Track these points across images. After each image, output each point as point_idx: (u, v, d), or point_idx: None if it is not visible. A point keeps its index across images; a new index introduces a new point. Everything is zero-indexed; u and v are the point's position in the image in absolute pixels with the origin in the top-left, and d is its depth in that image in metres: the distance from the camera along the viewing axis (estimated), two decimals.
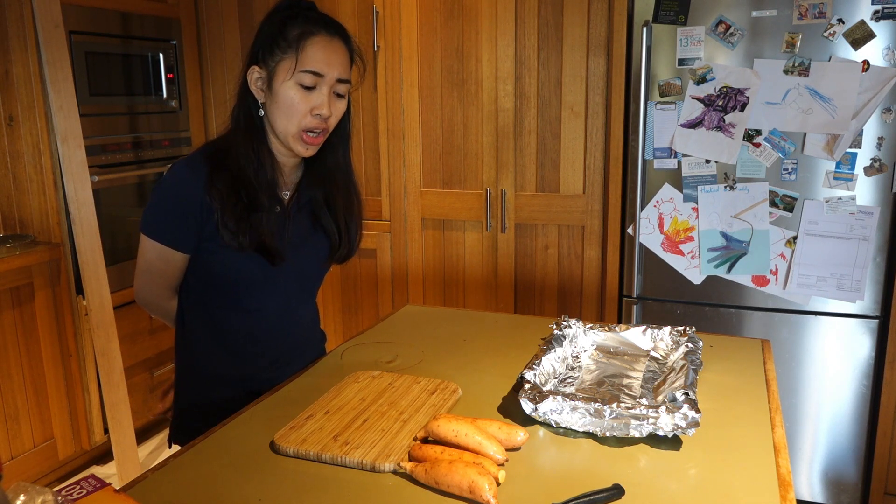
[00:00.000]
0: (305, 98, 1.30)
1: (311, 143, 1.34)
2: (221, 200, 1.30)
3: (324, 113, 1.31)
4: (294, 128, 1.32)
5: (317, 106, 1.31)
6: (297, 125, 1.31)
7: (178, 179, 1.33)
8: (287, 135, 1.33)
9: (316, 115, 1.31)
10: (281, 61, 1.30)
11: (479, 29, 2.74)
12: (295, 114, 1.31)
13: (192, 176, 1.31)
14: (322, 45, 1.30)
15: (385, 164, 2.96)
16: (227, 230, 1.31)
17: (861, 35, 2.22)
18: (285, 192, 1.43)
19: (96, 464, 2.90)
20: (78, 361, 2.75)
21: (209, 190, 1.30)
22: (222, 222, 1.31)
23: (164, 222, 1.34)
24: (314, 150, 1.36)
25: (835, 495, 2.51)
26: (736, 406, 1.25)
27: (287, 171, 1.43)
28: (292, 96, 1.30)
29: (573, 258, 2.78)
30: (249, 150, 1.34)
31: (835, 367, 2.43)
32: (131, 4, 2.91)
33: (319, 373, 1.45)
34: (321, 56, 1.29)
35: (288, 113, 1.31)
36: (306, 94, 1.30)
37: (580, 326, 1.52)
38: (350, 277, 3.12)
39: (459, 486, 0.96)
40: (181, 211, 1.31)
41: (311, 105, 1.30)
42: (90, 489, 0.92)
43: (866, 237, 2.32)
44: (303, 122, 1.31)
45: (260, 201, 1.33)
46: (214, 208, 1.30)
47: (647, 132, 2.48)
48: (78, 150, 2.58)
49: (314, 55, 1.29)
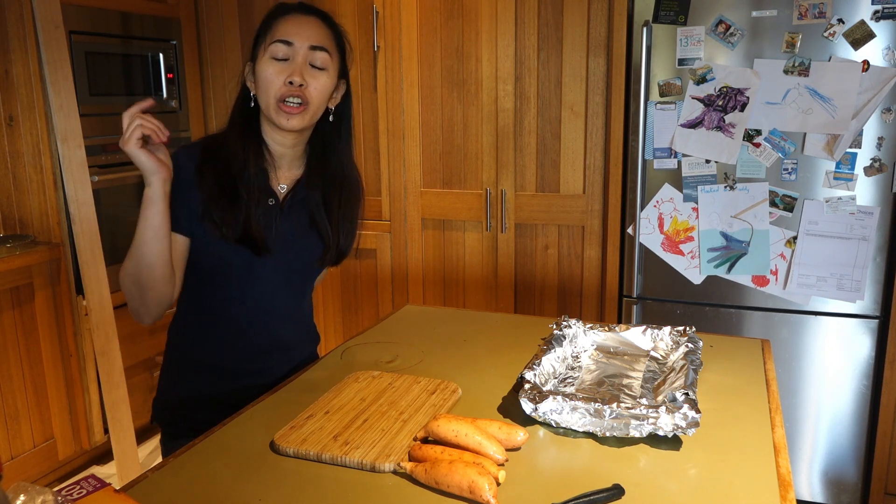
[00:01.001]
0: (279, 69, 1.34)
1: (289, 112, 1.35)
2: (208, 190, 1.34)
3: (296, 80, 1.33)
4: (272, 99, 1.34)
5: (289, 74, 1.33)
6: (275, 96, 1.34)
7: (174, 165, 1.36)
8: (269, 110, 1.36)
9: (289, 83, 1.33)
10: (260, 45, 1.37)
11: (479, 29, 2.74)
12: (271, 86, 1.34)
13: (186, 162, 1.36)
14: (292, 19, 1.36)
15: (385, 164, 2.96)
16: (211, 221, 1.34)
17: (861, 35, 2.22)
18: (282, 185, 1.44)
19: (96, 464, 2.90)
20: (78, 361, 2.75)
21: (198, 178, 1.35)
22: (206, 212, 1.34)
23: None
24: (299, 122, 1.36)
25: (835, 495, 2.51)
26: (736, 406, 1.25)
27: (286, 162, 1.44)
28: (267, 69, 1.34)
29: (573, 258, 2.78)
30: (238, 143, 1.38)
31: (835, 367, 2.43)
32: (131, 4, 2.91)
33: (319, 373, 1.45)
34: (290, 27, 1.35)
35: (265, 87, 1.35)
36: (280, 66, 1.34)
37: (580, 326, 1.52)
38: (350, 277, 3.12)
39: (459, 486, 0.96)
40: (176, 193, 1.33)
41: (284, 75, 1.33)
42: (90, 489, 0.92)
43: (866, 237, 2.32)
44: (278, 92, 1.34)
45: (240, 193, 1.35)
46: (202, 196, 1.34)
47: (647, 132, 2.48)
48: (78, 150, 2.58)
49: (283, 27, 1.35)
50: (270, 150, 1.42)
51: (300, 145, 1.44)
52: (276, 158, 1.43)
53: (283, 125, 1.36)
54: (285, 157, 1.44)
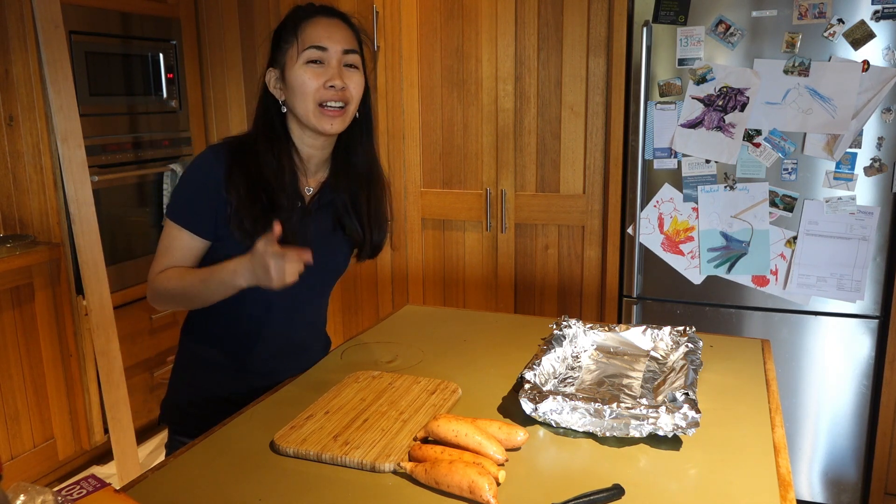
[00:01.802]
0: (315, 74, 1.33)
1: (333, 115, 1.35)
2: (238, 197, 1.32)
3: (337, 83, 1.33)
4: (312, 104, 1.34)
5: (329, 78, 1.33)
6: (314, 100, 1.33)
7: (201, 165, 1.35)
8: (308, 116, 1.35)
9: (329, 87, 1.33)
10: (287, 51, 1.35)
11: (479, 29, 2.74)
12: (308, 91, 1.33)
13: (215, 164, 1.34)
14: (320, 23, 1.35)
15: (385, 164, 2.96)
16: (240, 229, 1.32)
17: (861, 35, 2.22)
18: (308, 188, 1.44)
19: (96, 464, 2.90)
20: (78, 361, 2.75)
21: (227, 183, 1.32)
22: (236, 220, 1.32)
23: (185, 206, 1.36)
24: (340, 125, 1.37)
25: (835, 495, 2.51)
26: (736, 406, 1.25)
27: (313, 165, 1.44)
28: (302, 75, 1.33)
29: (573, 258, 2.78)
30: (269, 153, 1.36)
31: (835, 367, 2.43)
32: (131, 4, 2.91)
33: (319, 373, 1.45)
34: (321, 31, 1.34)
35: (302, 92, 1.34)
36: (316, 70, 1.33)
37: (580, 326, 1.52)
38: (350, 277, 3.12)
39: (459, 486, 0.96)
40: (202, 196, 1.33)
41: (322, 79, 1.33)
42: (90, 489, 0.92)
43: (866, 237, 2.32)
44: (318, 96, 1.33)
45: (279, 202, 1.34)
46: (230, 202, 1.32)
47: (647, 132, 2.48)
48: (78, 150, 2.58)
49: (313, 32, 1.34)
50: (300, 153, 1.42)
51: (329, 147, 1.45)
52: (304, 162, 1.43)
53: (326, 130, 1.36)
54: (314, 159, 1.43)
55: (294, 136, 1.41)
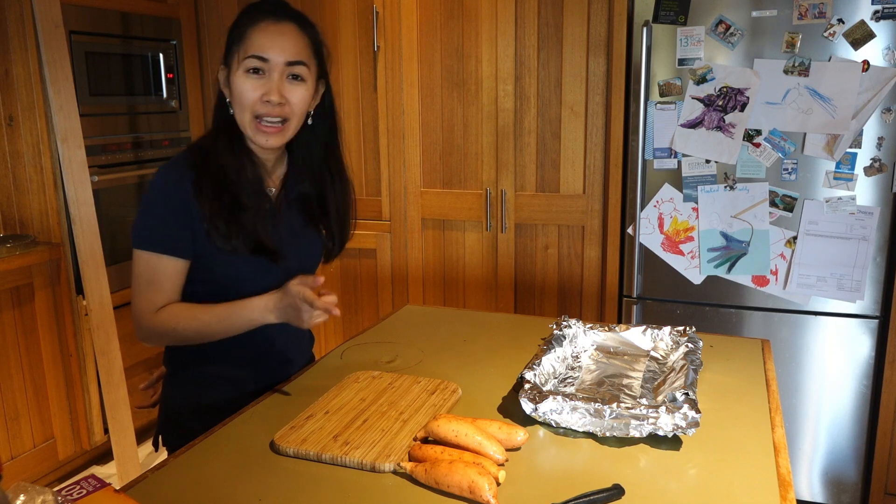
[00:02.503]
0: (254, 85, 1.29)
1: (268, 131, 1.31)
2: (209, 205, 1.29)
3: (273, 99, 1.28)
4: (248, 116, 1.30)
5: (266, 92, 1.28)
6: (250, 113, 1.30)
7: (164, 185, 1.31)
8: (244, 126, 1.31)
9: (266, 102, 1.29)
10: (234, 54, 1.31)
11: (479, 29, 2.74)
12: (245, 102, 1.29)
13: (178, 180, 1.30)
14: (266, 29, 1.29)
15: (385, 164, 2.96)
16: (218, 234, 1.29)
17: (861, 35, 2.22)
18: (271, 188, 1.41)
19: (96, 464, 2.90)
20: (78, 361, 2.75)
21: (197, 195, 1.29)
22: (213, 227, 1.29)
23: (158, 230, 1.30)
24: (277, 141, 1.33)
25: (835, 495, 2.51)
26: (736, 406, 1.25)
27: (269, 166, 1.41)
28: (241, 85, 1.29)
29: (573, 258, 2.78)
30: (228, 150, 1.33)
31: (835, 367, 2.43)
32: (131, 4, 2.91)
33: (319, 373, 1.45)
34: (265, 40, 1.28)
35: (240, 102, 1.30)
36: (255, 82, 1.29)
37: (580, 326, 1.52)
38: (350, 277, 3.12)
39: (459, 486, 0.96)
40: (174, 216, 1.29)
41: (260, 92, 1.29)
42: (90, 489, 0.92)
43: (866, 237, 2.32)
44: (254, 109, 1.29)
45: (243, 201, 1.31)
46: (203, 213, 1.29)
47: (647, 132, 2.48)
48: (78, 150, 2.58)
49: (257, 40, 1.28)
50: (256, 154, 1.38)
51: (281, 148, 1.41)
52: (262, 163, 1.39)
53: (261, 144, 1.32)
54: (269, 160, 1.41)
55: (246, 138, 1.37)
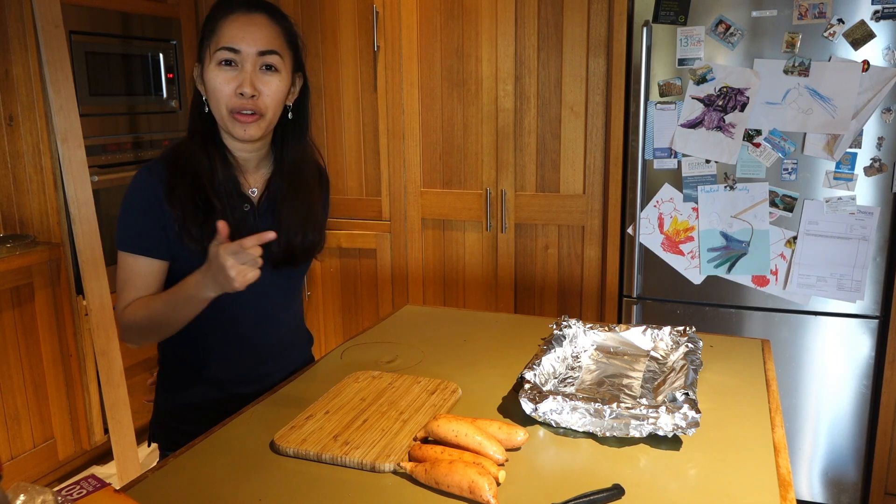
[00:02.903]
0: (227, 78, 1.28)
1: (245, 121, 1.29)
2: (182, 207, 1.28)
3: (246, 91, 1.27)
4: (224, 110, 1.29)
5: (239, 84, 1.27)
6: (226, 107, 1.28)
7: (140, 187, 1.30)
8: (222, 120, 1.30)
9: (239, 95, 1.28)
10: (206, 49, 1.29)
11: (479, 29, 2.74)
12: (221, 96, 1.28)
13: (152, 182, 1.29)
14: (238, 21, 1.28)
15: (385, 164, 2.96)
16: (190, 238, 1.28)
17: (861, 35, 2.22)
18: (253, 189, 1.39)
19: (96, 464, 2.90)
20: (78, 361, 2.75)
21: (169, 197, 1.28)
22: (185, 230, 1.28)
23: (134, 232, 1.30)
24: (255, 131, 1.31)
25: (835, 495, 2.51)
26: (736, 406, 1.25)
27: (252, 166, 1.39)
28: (214, 79, 1.28)
29: (573, 258, 2.78)
30: (202, 151, 1.32)
31: (835, 367, 2.43)
32: (131, 4, 2.91)
33: (319, 373, 1.45)
34: (236, 31, 1.27)
35: (215, 97, 1.29)
36: (228, 74, 1.28)
37: (580, 326, 1.52)
38: (350, 277, 3.12)
39: (459, 486, 0.96)
40: (148, 218, 1.28)
41: (233, 84, 1.28)
42: (90, 489, 0.92)
43: (866, 237, 2.32)
44: (229, 103, 1.28)
45: (213, 204, 1.29)
46: (175, 215, 1.28)
47: (647, 132, 2.48)
48: (78, 150, 2.58)
49: (228, 32, 1.27)
50: (234, 155, 1.37)
51: (263, 148, 1.39)
52: (241, 163, 1.38)
53: (239, 136, 1.31)
54: (250, 161, 1.39)
55: (224, 138, 1.35)
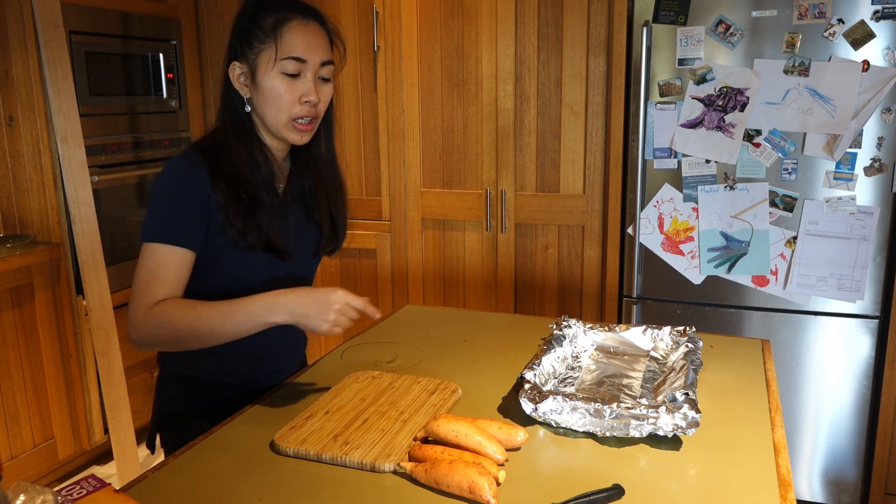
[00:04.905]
0: (291, 86, 1.29)
1: (304, 130, 1.32)
2: (225, 199, 1.28)
3: (312, 99, 1.30)
4: (284, 118, 1.30)
5: (304, 93, 1.29)
6: (287, 114, 1.30)
7: (180, 176, 1.29)
8: (279, 125, 1.32)
9: (305, 103, 1.30)
10: (261, 52, 1.29)
11: (479, 29, 2.74)
12: (283, 104, 1.29)
13: (193, 172, 1.28)
14: (299, 29, 1.29)
15: (385, 164, 2.96)
16: (234, 229, 1.28)
17: (861, 35, 2.22)
18: (279, 184, 1.41)
19: (96, 464, 2.90)
20: (78, 361, 2.75)
21: (212, 184, 1.28)
22: (228, 222, 1.28)
23: (170, 220, 1.28)
24: (309, 137, 1.35)
25: (835, 495, 2.51)
26: (736, 406, 1.25)
27: (279, 162, 1.42)
28: (278, 86, 1.29)
29: (573, 258, 2.78)
30: (242, 148, 1.32)
31: (835, 367, 2.43)
32: (131, 4, 2.91)
33: (319, 373, 1.45)
34: (300, 41, 1.28)
35: (276, 104, 1.30)
36: (292, 83, 1.29)
37: (580, 326, 1.52)
38: (350, 277, 3.12)
39: (459, 486, 0.96)
40: (188, 207, 1.27)
41: (298, 93, 1.29)
42: (90, 489, 0.92)
43: (866, 237, 2.32)
44: (292, 110, 1.30)
45: (260, 198, 1.31)
46: (220, 206, 1.28)
47: (647, 132, 2.48)
48: (78, 150, 2.58)
49: (293, 41, 1.28)
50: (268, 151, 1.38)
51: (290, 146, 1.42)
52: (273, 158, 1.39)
53: (295, 142, 1.34)
54: (279, 156, 1.41)
55: (259, 134, 1.36)
